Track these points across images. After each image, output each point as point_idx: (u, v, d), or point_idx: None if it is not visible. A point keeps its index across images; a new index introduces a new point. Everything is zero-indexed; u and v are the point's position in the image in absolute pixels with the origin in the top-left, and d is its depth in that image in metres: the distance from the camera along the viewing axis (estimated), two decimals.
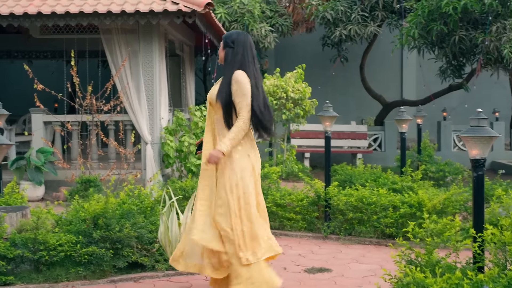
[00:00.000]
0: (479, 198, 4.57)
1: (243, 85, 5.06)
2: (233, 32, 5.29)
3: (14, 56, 15.75)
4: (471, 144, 4.54)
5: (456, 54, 13.98)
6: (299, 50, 19.62)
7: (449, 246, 4.60)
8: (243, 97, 5.04)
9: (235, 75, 5.09)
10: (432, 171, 12.18)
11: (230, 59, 5.15)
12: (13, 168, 10.32)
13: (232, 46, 5.16)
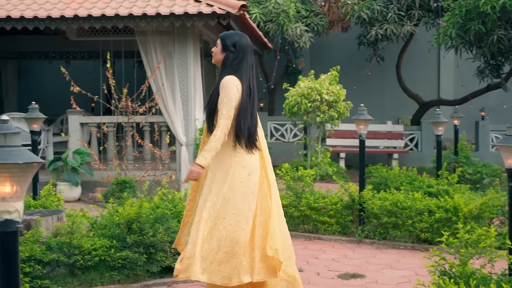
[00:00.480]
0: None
1: (227, 90, 4.67)
2: (233, 34, 4.92)
3: (52, 56, 15.98)
4: (507, 153, 4.47)
5: (495, 53, 13.77)
6: (335, 50, 19.52)
7: (484, 256, 4.53)
8: (223, 104, 4.66)
9: (223, 80, 4.73)
10: (469, 173, 12.02)
11: (228, 64, 4.79)
12: (50, 169, 10.46)
13: (233, 51, 4.80)
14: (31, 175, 2.53)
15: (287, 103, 9.85)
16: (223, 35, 4.93)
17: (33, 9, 10.37)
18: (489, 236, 4.54)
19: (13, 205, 2.51)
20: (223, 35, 4.93)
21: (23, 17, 10.24)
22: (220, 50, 4.85)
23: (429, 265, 4.59)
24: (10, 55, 15.89)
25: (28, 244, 5.70)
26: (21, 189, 2.54)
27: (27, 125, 7.94)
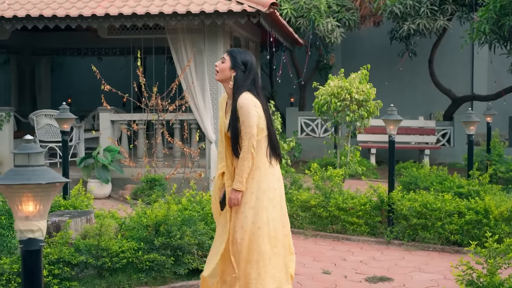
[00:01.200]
0: None
1: (248, 110, 4.70)
2: (243, 52, 4.91)
3: (84, 53, 16.15)
4: None
5: None
6: (366, 44, 19.38)
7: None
8: (244, 126, 4.71)
9: (239, 100, 4.72)
10: (502, 172, 11.89)
11: (240, 83, 4.76)
12: (81, 166, 10.57)
13: (243, 70, 4.79)
14: (54, 194, 2.56)
15: (317, 102, 9.82)
16: (233, 52, 4.89)
17: (65, 8, 10.46)
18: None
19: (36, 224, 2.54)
20: (233, 52, 4.89)
21: (55, 16, 10.34)
22: (229, 67, 4.81)
23: (456, 274, 4.54)
24: (43, 52, 16.09)
25: (57, 246, 5.76)
26: (44, 208, 2.57)
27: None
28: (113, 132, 11.22)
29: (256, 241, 4.74)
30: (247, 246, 4.74)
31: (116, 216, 6.81)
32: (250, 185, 4.78)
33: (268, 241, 4.77)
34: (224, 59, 4.86)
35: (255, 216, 4.76)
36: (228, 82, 4.83)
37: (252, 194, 4.78)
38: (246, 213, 4.76)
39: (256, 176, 4.80)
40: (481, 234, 7.53)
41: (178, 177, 10.40)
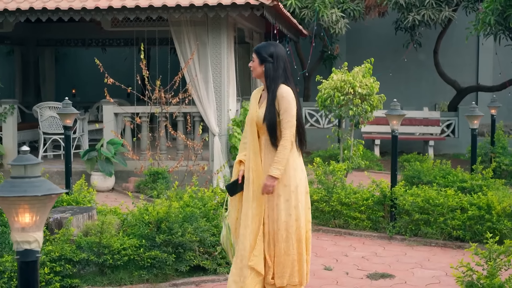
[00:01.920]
0: None
1: (289, 101, 4.89)
2: (267, 45, 5.04)
3: (89, 43, 16.14)
4: None
5: None
6: (371, 35, 19.30)
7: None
8: (286, 115, 4.87)
9: (280, 91, 4.91)
10: (506, 164, 11.87)
11: (272, 75, 4.92)
12: (85, 159, 10.59)
13: (271, 61, 4.94)
14: (50, 205, 2.57)
15: (320, 96, 9.80)
16: (257, 48, 5.06)
17: (69, 1, 10.44)
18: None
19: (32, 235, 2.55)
20: (257, 48, 5.06)
21: (58, 9, 10.32)
22: (258, 63, 4.99)
23: (456, 275, 4.54)
24: (47, 42, 16.08)
25: (59, 243, 5.79)
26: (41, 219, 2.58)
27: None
28: (116, 124, 11.22)
29: (293, 233, 4.94)
30: (285, 238, 4.92)
31: (118, 212, 6.82)
32: (283, 177, 4.92)
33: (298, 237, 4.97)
34: (253, 57, 5.04)
35: (290, 209, 4.93)
36: (262, 76, 5.02)
37: (285, 187, 4.93)
38: (281, 205, 4.92)
39: (287, 169, 4.94)
40: (483, 230, 7.53)
41: (181, 170, 10.41)
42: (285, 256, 4.94)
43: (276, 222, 4.94)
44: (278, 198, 4.94)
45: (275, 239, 4.95)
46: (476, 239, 7.60)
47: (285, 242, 4.93)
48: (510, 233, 7.52)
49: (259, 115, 4.97)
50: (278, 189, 4.93)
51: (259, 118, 4.97)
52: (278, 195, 4.94)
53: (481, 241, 7.26)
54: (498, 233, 7.48)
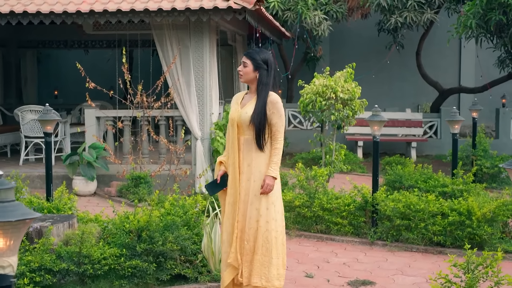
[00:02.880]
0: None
1: (281, 107, 5.19)
2: (261, 51, 5.23)
3: (71, 45, 16.06)
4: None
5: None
6: (354, 36, 19.35)
7: (491, 279, 4.50)
8: (280, 119, 5.16)
9: (272, 97, 5.15)
10: (487, 167, 11.94)
11: (265, 81, 5.14)
12: (67, 164, 10.54)
13: (266, 68, 5.16)
14: (24, 230, 2.55)
15: (302, 100, 9.81)
16: (251, 54, 5.20)
17: (50, 4, 10.38)
18: (496, 259, 4.51)
19: (6, 260, 2.53)
20: (251, 54, 5.20)
21: (39, 12, 10.26)
22: (252, 69, 5.16)
23: (434, 286, 4.56)
24: (28, 44, 15.99)
25: (39, 253, 5.75)
26: (15, 244, 2.56)
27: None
28: (98, 128, 11.18)
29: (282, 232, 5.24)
30: (281, 238, 5.18)
31: (99, 219, 6.78)
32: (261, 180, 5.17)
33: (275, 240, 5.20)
34: (245, 62, 5.19)
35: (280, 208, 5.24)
36: (254, 82, 5.21)
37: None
38: (277, 207, 5.20)
39: None
40: (464, 235, 7.59)
41: (164, 174, 10.38)
42: (259, 256, 5.12)
43: (248, 220, 5.14)
44: (253, 197, 5.15)
45: (246, 238, 5.15)
46: (456, 245, 7.65)
47: (264, 243, 5.13)
48: (490, 239, 7.58)
49: (242, 115, 5.16)
50: (254, 188, 5.15)
51: (242, 118, 5.16)
52: (253, 195, 5.15)
53: (461, 246, 7.31)
54: (478, 239, 7.54)
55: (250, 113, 5.13)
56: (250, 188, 5.17)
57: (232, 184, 5.21)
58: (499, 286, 4.50)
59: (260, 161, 5.18)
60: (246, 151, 5.19)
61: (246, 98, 5.30)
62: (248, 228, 5.13)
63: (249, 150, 5.18)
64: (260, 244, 5.11)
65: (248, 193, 5.17)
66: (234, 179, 5.20)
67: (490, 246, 7.49)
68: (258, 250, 5.12)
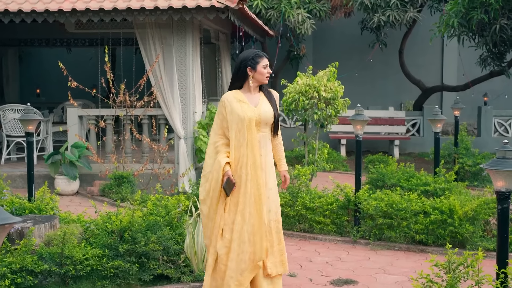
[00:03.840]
0: (504, 231, 4.48)
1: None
2: (251, 52, 5.31)
3: (53, 43, 15.95)
4: (496, 176, 4.45)
5: (497, 42, 13.67)
6: (337, 35, 19.40)
7: (471, 279, 4.53)
8: (277, 112, 5.39)
9: (275, 92, 5.43)
10: (469, 165, 12.01)
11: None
12: (49, 163, 10.48)
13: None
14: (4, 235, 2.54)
15: (285, 99, 9.82)
16: (244, 59, 5.27)
17: (31, 3, 10.31)
18: (477, 258, 4.54)
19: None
20: (244, 59, 5.27)
21: (20, 11, 10.19)
22: (250, 69, 5.27)
23: (416, 286, 4.59)
24: (10, 42, 15.86)
25: (20, 254, 5.72)
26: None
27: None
28: (80, 127, 11.12)
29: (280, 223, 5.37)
30: (276, 229, 5.28)
31: (81, 220, 6.76)
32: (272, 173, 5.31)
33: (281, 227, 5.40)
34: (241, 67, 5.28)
35: (277, 201, 5.36)
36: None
37: (275, 182, 5.32)
38: (272, 197, 5.26)
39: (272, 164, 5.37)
40: (445, 234, 7.64)
41: (147, 173, 10.37)
42: (278, 246, 5.27)
43: (268, 214, 5.21)
44: (270, 191, 5.23)
45: (272, 231, 5.25)
46: (438, 243, 7.70)
47: (277, 233, 5.27)
48: (472, 237, 7.63)
49: (263, 113, 5.23)
50: (270, 182, 5.23)
51: (264, 116, 5.23)
52: (269, 189, 5.23)
53: (443, 244, 7.36)
54: (460, 237, 7.59)
55: (270, 110, 5.26)
56: (272, 184, 5.27)
57: (254, 184, 5.12)
58: (480, 285, 4.52)
59: (271, 155, 5.36)
60: (263, 147, 5.26)
61: (250, 96, 5.27)
62: (268, 220, 5.20)
63: (266, 146, 5.29)
64: (276, 235, 5.27)
65: (272, 187, 5.27)
66: (256, 178, 5.13)
67: (471, 244, 7.55)
68: (280, 240, 5.30)
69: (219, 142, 5.27)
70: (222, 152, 5.22)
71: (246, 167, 5.13)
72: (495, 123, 16.96)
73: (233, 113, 5.18)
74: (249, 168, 5.13)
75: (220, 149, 5.24)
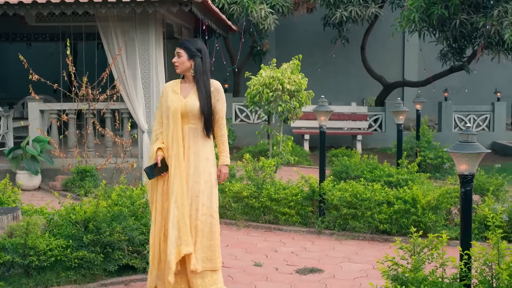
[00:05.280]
0: (467, 214, 4.54)
1: (223, 95, 5.32)
2: (194, 41, 5.27)
3: (13, 38, 15.71)
4: (459, 159, 4.51)
5: (457, 37, 13.87)
6: (300, 30, 19.49)
7: (436, 261, 4.59)
8: (223, 106, 5.32)
9: (215, 84, 5.28)
10: (430, 158, 12.15)
11: (203, 69, 5.20)
12: (10, 158, 10.32)
13: (201, 56, 5.20)
14: None
15: (249, 92, 9.82)
16: (185, 44, 5.24)
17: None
18: (441, 241, 4.60)
19: None
20: (185, 44, 5.24)
21: None
22: (187, 59, 5.18)
23: (381, 269, 4.63)
24: None
25: None
26: None
27: None
28: (42, 122, 10.97)
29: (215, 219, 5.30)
30: (209, 223, 5.22)
31: (44, 212, 6.67)
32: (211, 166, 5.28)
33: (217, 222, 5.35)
34: (179, 53, 5.21)
35: (213, 195, 5.29)
36: (189, 71, 5.22)
37: (211, 174, 5.26)
38: (206, 191, 5.21)
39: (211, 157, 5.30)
40: (409, 223, 7.72)
41: (110, 167, 10.28)
42: (208, 242, 5.19)
43: (202, 208, 5.17)
44: (205, 184, 5.19)
45: (199, 225, 5.16)
46: (402, 232, 7.78)
47: (209, 227, 5.19)
48: (435, 226, 7.73)
49: (189, 105, 5.17)
50: (204, 176, 5.20)
51: (189, 108, 5.17)
52: (205, 182, 5.19)
53: (407, 234, 7.43)
54: (423, 226, 7.68)
55: (197, 102, 5.17)
56: (201, 177, 5.18)
57: (177, 174, 5.13)
58: (444, 267, 4.58)
59: (207, 150, 5.26)
60: (192, 139, 5.22)
61: (185, 87, 5.28)
62: (201, 214, 5.16)
63: (195, 138, 5.22)
64: (207, 229, 5.19)
65: (198, 181, 5.18)
66: (178, 168, 5.14)
67: (434, 233, 7.61)
68: (212, 235, 5.21)
69: (158, 130, 5.32)
70: (159, 140, 5.28)
71: (171, 157, 5.18)
72: (455, 118, 17.21)
73: (166, 102, 5.25)
74: (173, 159, 5.16)
75: (159, 137, 5.29)
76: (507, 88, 19.87)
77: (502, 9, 12.88)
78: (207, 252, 5.19)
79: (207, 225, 5.18)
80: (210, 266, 5.22)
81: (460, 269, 4.39)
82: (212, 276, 5.26)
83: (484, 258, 4.30)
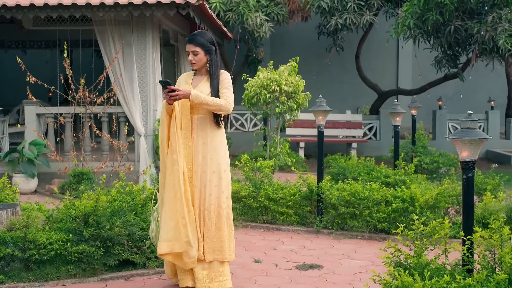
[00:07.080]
0: (469, 200, 4.56)
1: (230, 79, 5.35)
2: (203, 34, 5.31)
3: (8, 45, 15.71)
4: (461, 146, 4.53)
5: (452, 44, 13.96)
6: (295, 39, 19.57)
7: (438, 247, 4.60)
8: (229, 86, 5.28)
9: (223, 74, 5.31)
10: (426, 163, 12.17)
11: (215, 62, 5.27)
12: (6, 161, 10.29)
13: (214, 49, 5.26)
14: None
15: (246, 94, 9.86)
16: (199, 40, 5.22)
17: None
18: (443, 228, 4.61)
19: None
20: (199, 40, 5.22)
21: None
22: (204, 55, 5.21)
23: (384, 256, 4.63)
24: None
25: None
26: None
27: None
28: (39, 125, 10.96)
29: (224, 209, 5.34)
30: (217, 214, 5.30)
31: (43, 209, 6.65)
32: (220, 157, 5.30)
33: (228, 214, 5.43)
34: (196, 51, 5.21)
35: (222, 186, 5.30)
36: (205, 66, 5.28)
37: (219, 165, 5.27)
38: (214, 182, 5.23)
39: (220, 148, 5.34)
40: (407, 222, 7.71)
41: (107, 170, 10.24)
42: (217, 231, 5.21)
43: (209, 198, 5.19)
44: (212, 174, 5.21)
45: (207, 215, 5.19)
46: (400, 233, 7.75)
47: (217, 218, 5.21)
48: None
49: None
50: (212, 166, 5.23)
51: None
52: (212, 172, 5.22)
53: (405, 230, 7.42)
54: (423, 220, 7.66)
55: (207, 92, 5.20)
56: (208, 166, 5.23)
57: (186, 163, 5.19)
58: (447, 254, 4.59)
59: (216, 139, 5.29)
60: (200, 129, 5.27)
61: (197, 79, 5.36)
62: (208, 204, 5.19)
63: (204, 128, 5.26)
64: (216, 219, 5.21)
65: (206, 170, 5.23)
66: (187, 158, 5.22)
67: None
68: (223, 226, 5.24)
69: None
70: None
71: (176, 152, 5.19)
72: (450, 126, 17.29)
73: None
74: (180, 148, 5.19)
75: None
76: (500, 96, 19.98)
77: (496, 15, 12.98)
78: (215, 242, 5.22)
79: (214, 215, 5.21)
80: (220, 257, 5.25)
81: (463, 253, 4.39)
82: (219, 267, 5.28)
83: (486, 243, 4.31)
